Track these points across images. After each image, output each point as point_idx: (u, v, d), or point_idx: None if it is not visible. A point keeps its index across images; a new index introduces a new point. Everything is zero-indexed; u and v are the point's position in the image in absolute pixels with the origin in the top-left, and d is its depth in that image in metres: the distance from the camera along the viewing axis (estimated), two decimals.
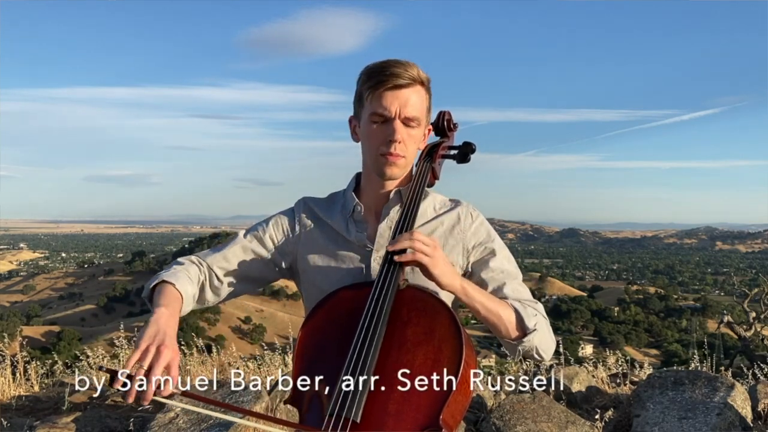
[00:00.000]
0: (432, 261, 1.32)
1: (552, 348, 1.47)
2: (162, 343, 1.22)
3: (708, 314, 61.71)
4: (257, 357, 5.77)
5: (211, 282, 1.52)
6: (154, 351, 1.20)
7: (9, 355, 4.78)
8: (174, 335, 1.27)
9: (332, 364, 1.31)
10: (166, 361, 1.19)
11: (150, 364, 1.18)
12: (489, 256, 1.51)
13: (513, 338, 1.41)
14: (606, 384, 4.69)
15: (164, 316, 1.30)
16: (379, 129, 1.43)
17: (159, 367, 1.17)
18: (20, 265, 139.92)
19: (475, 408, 3.98)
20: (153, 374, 1.16)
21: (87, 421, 3.63)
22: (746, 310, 11.01)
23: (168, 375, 1.19)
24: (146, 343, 1.21)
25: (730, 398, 3.54)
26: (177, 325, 1.32)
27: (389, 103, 1.41)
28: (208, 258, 1.54)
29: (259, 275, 1.57)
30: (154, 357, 1.19)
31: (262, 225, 1.58)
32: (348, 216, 1.54)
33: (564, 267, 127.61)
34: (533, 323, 1.41)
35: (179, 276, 1.45)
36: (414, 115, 1.43)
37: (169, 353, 1.20)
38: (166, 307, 1.33)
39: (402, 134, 1.42)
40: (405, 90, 1.41)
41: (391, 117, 1.41)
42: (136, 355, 1.19)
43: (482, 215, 1.57)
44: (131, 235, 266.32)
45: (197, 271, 1.51)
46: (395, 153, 1.43)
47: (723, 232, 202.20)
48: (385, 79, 1.40)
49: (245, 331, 61.51)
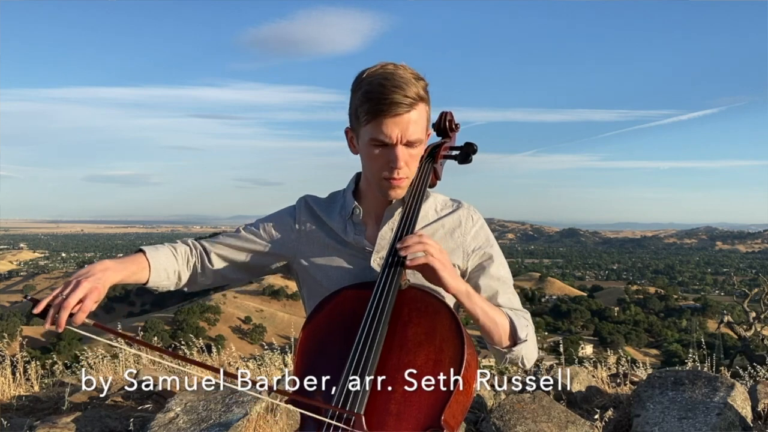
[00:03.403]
0: (442, 265, 1.32)
1: (535, 357, 1.50)
2: (85, 277, 1.29)
3: (708, 314, 61.71)
4: (257, 357, 5.77)
5: (203, 264, 1.53)
6: (74, 283, 1.27)
7: (9, 355, 4.78)
8: (103, 279, 1.31)
9: (334, 364, 1.31)
10: (84, 292, 1.25)
11: (67, 294, 1.25)
12: (487, 262, 1.51)
13: (504, 346, 1.44)
14: (606, 384, 4.69)
15: (103, 265, 1.35)
16: (381, 154, 1.39)
17: (75, 297, 1.24)
18: (20, 265, 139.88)
19: (475, 408, 3.99)
20: (67, 302, 1.23)
21: (87, 421, 3.63)
22: (746, 310, 11.02)
23: (82, 306, 1.25)
24: (73, 278, 1.29)
25: (730, 398, 3.54)
26: (116, 277, 1.35)
27: (390, 131, 1.35)
28: (206, 242, 1.56)
29: (254, 266, 1.58)
30: (72, 288, 1.26)
31: (262, 221, 1.59)
32: (347, 218, 1.53)
33: (564, 267, 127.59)
34: (525, 333, 1.44)
35: (159, 250, 1.48)
36: (416, 137, 1.38)
37: (87, 285, 1.26)
38: (113, 261, 1.38)
39: (404, 158, 1.39)
40: (405, 115, 1.35)
41: (392, 144, 1.37)
42: (60, 287, 1.27)
43: (482, 218, 1.57)
44: (131, 235, 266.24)
45: (187, 250, 1.52)
46: (399, 177, 1.41)
47: (723, 232, 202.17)
48: (384, 108, 1.34)
49: (245, 331, 61.45)
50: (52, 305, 1.24)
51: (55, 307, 1.23)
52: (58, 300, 1.24)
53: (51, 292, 1.26)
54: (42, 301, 1.25)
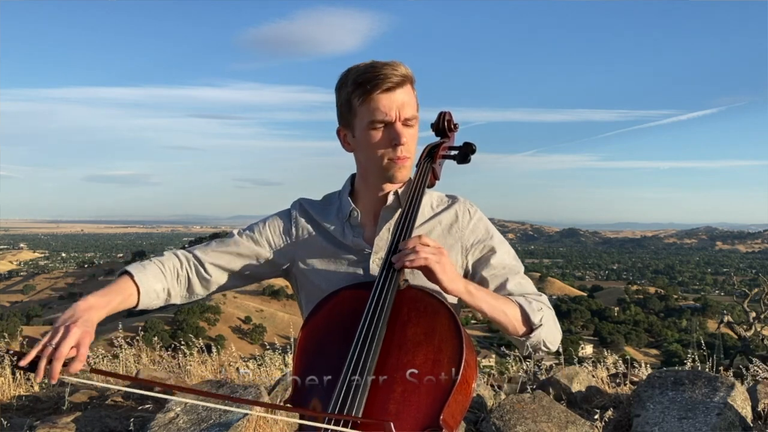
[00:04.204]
0: (441, 266, 1.32)
1: (558, 338, 1.49)
2: (74, 322, 1.22)
3: (708, 314, 61.73)
4: (257, 357, 5.77)
5: (199, 274, 1.51)
6: (63, 330, 1.20)
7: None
8: (90, 320, 1.25)
9: (333, 364, 1.31)
10: (75, 339, 1.19)
11: (58, 343, 1.17)
12: (489, 254, 1.51)
13: (520, 335, 1.44)
14: (606, 384, 4.69)
15: (87, 303, 1.29)
16: (382, 135, 1.42)
17: (66, 346, 1.17)
18: (20, 265, 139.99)
19: (475, 408, 3.98)
20: (60, 352, 1.16)
21: (87, 421, 3.63)
22: (746, 310, 11.02)
23: (77, 353, 1.18)
24: (60, 325, 1.22)
25: (730, 398, 3.54)
26: (103, 313, 1.30)
27: (387, 108, 1.40)
28: (198, 251, 1.53)
29: (250, 272, 1.57)
30: (62, 335, 1.19)
31: (258, 225, 1.58)
32: (344, 220, 1.53)
33: (564, 267, 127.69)
34: (539, 318, 1.43)
35: (147, 269, 1.45)
36: (412, 114, 1.43)
37: (78, 332, 1.20)
38: (97, 297, 1.32)
39: (406, 136, 1.42)
40: (398, 90, 1.40)
41: (392, 121, 1.41)
42: (48, 335, 1.20)
43: (480, 211, 1.57)
44: (131, 235, 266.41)
45: (177, 264, 1.50)
46: (403, 156, 1.43)
47: (723, 232, 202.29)
48: (378, 82, 1.38)
49: (245, 331, 61.45)
50: (42, 356, 1.16)
51: (46, 358, 1.16)
52: (48, 350, 1.16)
53: (37, 343, 1.19)
54: (29, 353, 1.16)
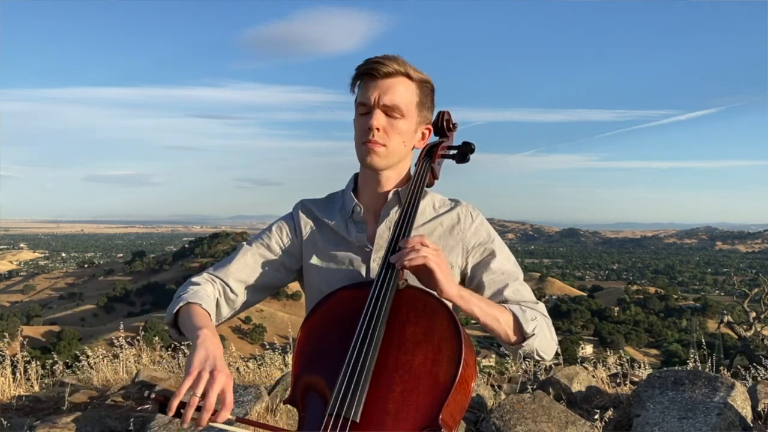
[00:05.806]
0: (439, 267, 1.31)
1: (553, 349, 1.47)
2: (214, 367, 1.19)
3: (708, 314, 61.78)
4: (257, 357, 5.76)
5: (226, 296, 1.52)
6: (207, 376, 1.17)
7: (9, 355, 4.78)
8: (223, 357, 1.24)
9: (332, 364, 1.30)
10: (221, 386, 1.17)
11: (204, 390, 1.16)
12: (489, 258, 1.50)
13: (512, 342, 1.42)
14: (606, 384, 4.68)
15: (209, 338, 1.27)
16: (362, 119, 1.46)
17: (214, 394, 1.15)
18: (20, 265, 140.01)
19: (475, 408, 3.98)
20: (208, 401, 1.15)
21: (87, 421, 3.63)
22: (746, 310, 11.03)
23: (223, 400, 1.17)
24: (198, 369, 1.18)
25: (730, 398, 3.54)
26: (222, 346, 1.29)
27: (369, 93, 1.43)
28: (220, 272, 1.53)
29: (272, 282, 1.57)
30: (209, 382, 1.17)
31: (265, 232, 1.59)
32: (347, 217, 1.53)
33: (564, 267, 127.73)
34: (532, 327, 1.41)
35: (201, 296, 1.44)
36: (394, 103, 1.43)
37: (222, 378, 1.18)
38: (207, 329, 1.30)
39: (381, 122, 1.43)
40: (387, 79, 1.43)
41: (371, 105, 1.43)
42: (189, 381, 1.17)
43: (482, 215, 1.56)
44: (131, 235, 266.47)
45: (212, 289, 1.50)
46: (374, 140, 1.44)
47: (723, 232, 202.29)
48: (365, 69, 1.44)
49: (245, 331, 61.49)
50: (190, 405, 1.14)
51: (193, 408, 1.14)
52: (195, 400, 1.15)
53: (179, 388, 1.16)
54: (173, 402, 1.15)
